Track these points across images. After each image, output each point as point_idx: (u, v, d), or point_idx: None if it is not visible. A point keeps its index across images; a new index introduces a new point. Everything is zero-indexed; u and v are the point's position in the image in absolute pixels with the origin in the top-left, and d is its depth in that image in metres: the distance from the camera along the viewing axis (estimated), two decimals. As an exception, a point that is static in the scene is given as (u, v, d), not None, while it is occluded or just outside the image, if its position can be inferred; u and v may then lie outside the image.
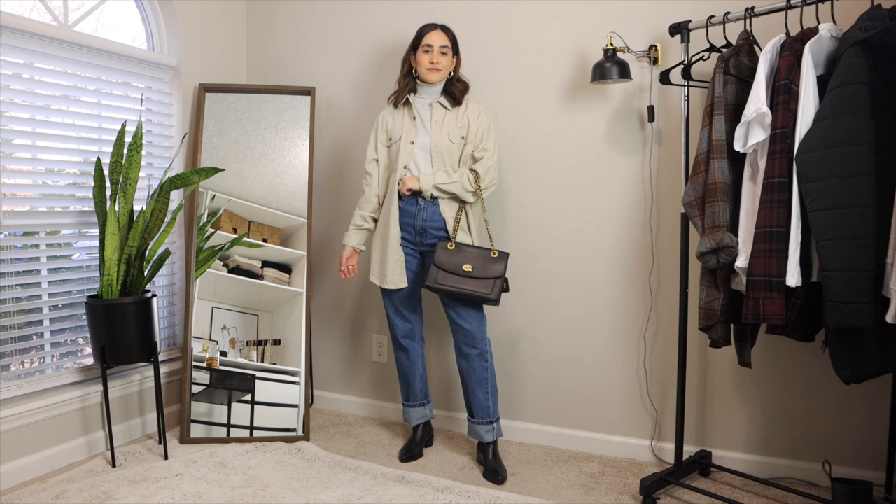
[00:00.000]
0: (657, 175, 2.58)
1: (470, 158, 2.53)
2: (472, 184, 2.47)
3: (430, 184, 2.46)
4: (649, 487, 2.25)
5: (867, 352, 1.84)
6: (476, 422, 2.56)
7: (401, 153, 2.52)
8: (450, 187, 2.47)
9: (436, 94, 2.55)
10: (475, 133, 2.52)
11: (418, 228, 2.52)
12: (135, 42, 2.95)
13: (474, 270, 2.41)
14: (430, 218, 2.51)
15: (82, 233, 2.69)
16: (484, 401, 2.53)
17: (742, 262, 1.98)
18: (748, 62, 2.10)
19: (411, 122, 2.55)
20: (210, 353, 2.83)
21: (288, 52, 3.27)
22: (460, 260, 2.42)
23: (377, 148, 2.62)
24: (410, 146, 2.52)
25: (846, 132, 1.76)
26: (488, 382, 2.54)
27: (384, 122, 2.62)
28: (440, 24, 2.54)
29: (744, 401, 2.51)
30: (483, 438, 2.55)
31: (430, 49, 2.48)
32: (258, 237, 2.95)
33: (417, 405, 2.73)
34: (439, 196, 2.49)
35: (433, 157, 2.50)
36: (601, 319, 2.71)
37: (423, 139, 2.52)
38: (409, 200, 2.52)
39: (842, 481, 2.09)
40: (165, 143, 2.99)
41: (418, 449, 2.70)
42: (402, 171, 2.51)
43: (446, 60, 2.50)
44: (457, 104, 2.53)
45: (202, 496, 2.29)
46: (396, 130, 2.56)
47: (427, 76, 2.50)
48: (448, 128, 2.51)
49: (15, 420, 2.39)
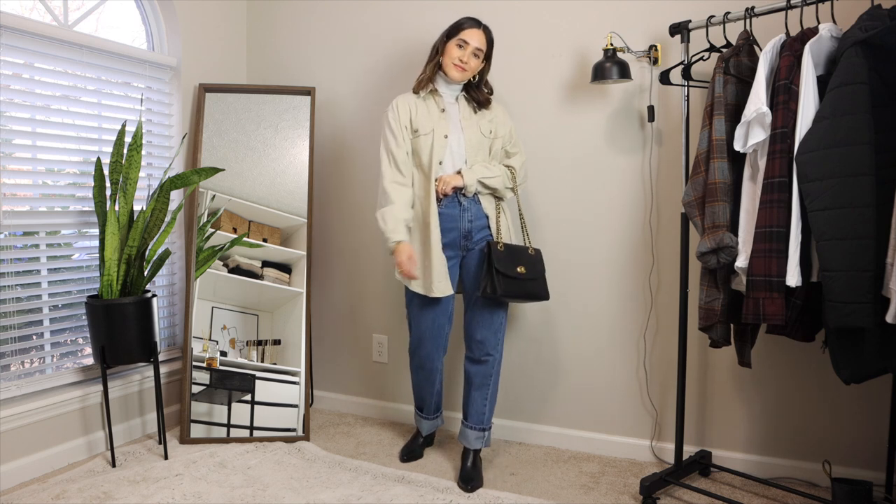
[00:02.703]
0: (657, 175, 2.58)
1: (500, 153, 2.47)
2: (511, 179, 2.43)
3: (475, 178, 2.33)
4: (649, 487, 2.25)
5: (867, 352, 1.83)
6: (468, 425, 2.46)
7: (434, 148, 2.34)
8: (493, 182, 2.37)
9: (456, 91, 2.45)
10: (504, 129, 2.49)
11: (464, 231, 2.38)
12: (135, 42, 2.95)
13: (528, 272, 2.34)
14: (475, 217, 2.39)
15: (82, 233, 2.69)
16: (481, 406, 2.44)
17: (742, 262, 1.98)
18: (748, 62, 2.10)
19: (440, 115, 2.39)
20: (210, 353, 2.83)
21: (288, 52, 3.27)
22: (514, 262, 2.31)
23: (405, 138, 2.36)
24: (444, 140, 2.35)
25: (846, 132, 1.76)
26: (489, 389, 2.45)
27: (406, 112, 2.38)
28: (483, 24, 2.41)
29: (744, 401, 2.51)
30: (471, 445, 2.45)
31: (464, 45, 2.35)
32: (258, 237, 2.95)
33: (431, 418, 2.67)
34: (480, 191, 2.39)
35: (467, 153, 2.39)
36: (601, 319, 2.71)
37: (456, 133, 2.39)
38: (450, 203, 2.36)
39: (842, 481, 2.09)
40: (165, 143, 2.99)
41: (419, 449, 2.69)
42: (437, 167, 2.35)
43: (475, 63, 2.38)
44: (481, 107, 2.45)
45: (202, 496, 2.29)
46: (423, 122, 2.37)
47: (450, 71, 2.37)
48: (478, 122, 2.43)
49: (15, 420, 2.39)
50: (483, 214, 2.42)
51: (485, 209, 2.42)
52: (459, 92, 2.48)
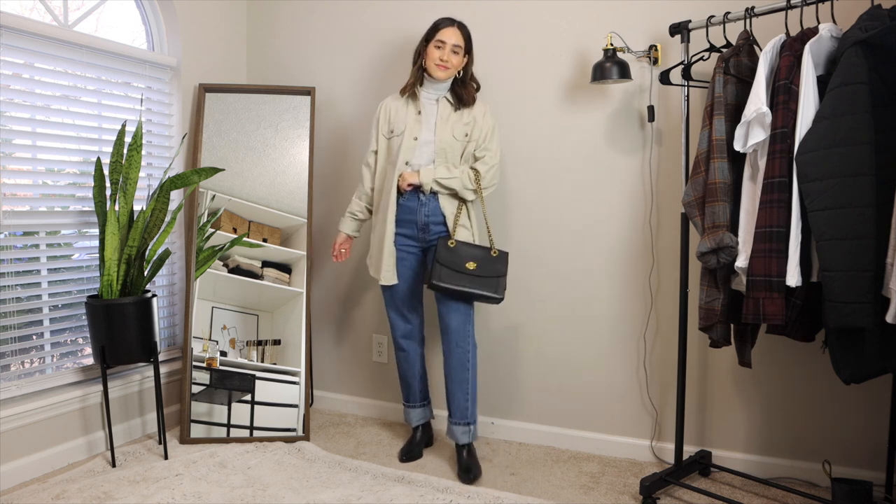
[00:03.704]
0: (657, 175, 2.58)
1: (471, 157, 2.53)
2: (473, 182, 2.47)
3: (430, 178, 2.45)
4: (649, 487, 2.25)
5: (867, 352, 1.83)
6: (453, 422, 2.54)
7: (402, 148, 2.48)
8: (450, 182, 2.46)
9: (443, 90, 2.53)
10: (479, 132, 2.52)
11: (420, 224, 2.51)
12: (135, 42, 2.95)
13: (478, 268, 2.41)
14: (431, 213, 2.50)
15: (82, 233, 2.69)
16: (463, 401, 2.52)
17: (742, 262, 1.98)
18: (748, 62, 2.10)
19: (416, 118, 2.51)
20: (210, 353, 2.83)
21: (288, 52, 3.27)
22: (463, 258, 2.41)
23: (378, 139, 2.59)
24: (413, 142, 2.49)
25: (846, 132, 1.76)
26: (468, 384, 2.52)
27: (386, 113, 2.58)
28: (457, 21, 2.49)
29: (744, 401, 2.51)
30: (458, 440, 2.54)
31: (442, 45, 2.44)
32: (258, 237, 2.95)
33: (417, 406, 2.73)
34: (439, 191, 2.48)
35: (436, 154, 2.49)
36: (601, 319, 2.71)
37: (426, 135, 2.49)
38: (411, 196, 2.50)
39: (842, 481, 2.09)
40: (165, 143, 2.99)
41: (418, 449, 2.70)
42: (402, 166, 2.48)
43: (457, 59, 2.47)
44: (464, 105, 2.51)
45: (202, 496, 2.29)
46: (399, 123, 2.53)
47: (434, 72, 2.46)
48: (453, 124, 2.50)
49: (15, 420, 2.39)
50: (440, 212, 2.50)
51: (442, 207, 2.50)
52: (445, 92, 2.53)
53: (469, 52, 2.52)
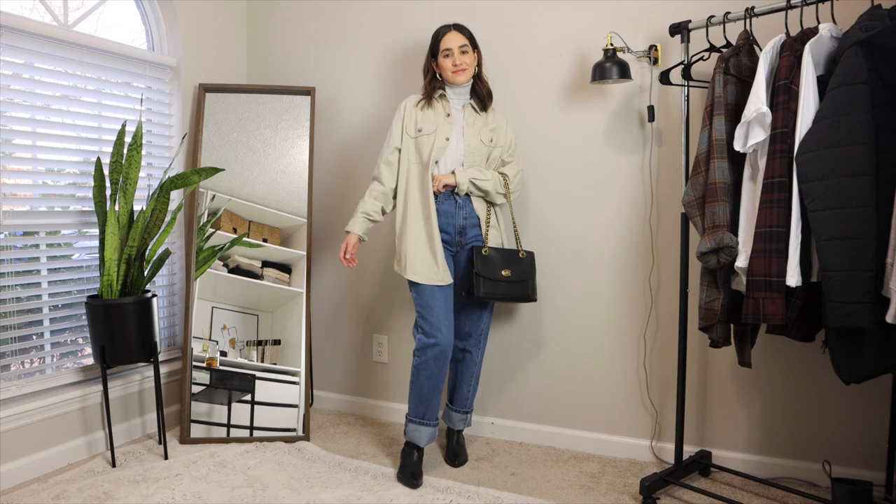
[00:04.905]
0: (657, 175, 2.58)
1: (497, 162, 2.55)
2: (503, 185, 2.51)
3: (466, 178, 2.43)
4: (649, 487, 2.25)
5: (867, 352, 1.83)
6: (453, 409, 2.66)
7: (434, 148, 2.44)
8: (484, 184, 2.46)
9: (465, 95, 2.53)
10: (505, 139, 2.56)
11: (458, 227, 2.49)
12: (135, 42, 2.95)
13: (512, 274, 2.46)
14: (469, 215, 2.49)
15: (82, 233, 2.69)
16: (466, 392, 2.64)
17: (742, 262, 1.98)
18: (748, 62, 2.10)
19: (446, 119, 2.49)
20: (210, 353, 2.83)
21: (288, 52, 3.27)
22: (498, 266, 2.45)
23: (402, 137, 2.50)
24: (445, 142, 2.46)
25: (846, 132, 1.76)
26: (474, 377, 2.65)
27: (413, 110, 2.51)
28: (453, 24, 2.49)
29: (744, 401, 2.51)
30: (455, 426, 2.67)
31: (450, 52, 2.44)
32: (258, 237, 2.95)
33: (431, 425, 2.48)
34: (472, 192, 2.47)
35: (465, 157, 2.48)
36: (601, 319, 2.71)
37: (456, 138, 2.48)
38: (446, 200, 2.47)
39: (842, 481, 2.09)
40: (165, 143, 2.99)
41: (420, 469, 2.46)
42: (433, 167, 2.45)
43: (469, 58, 2.46)
44: (484, 109, 2.53)
45: (202, 496, 2.29)
46: (429, 123, 2.48)
47: (454, 79, 2.46)
48: (479, 129, 2.51)
49: (15, 420, 2.39)
50: (475, 214, 2.52)
51: (476, 210, 2.51)
52: (467, 99, 2.54)
53: (476, 48, 2.52)
